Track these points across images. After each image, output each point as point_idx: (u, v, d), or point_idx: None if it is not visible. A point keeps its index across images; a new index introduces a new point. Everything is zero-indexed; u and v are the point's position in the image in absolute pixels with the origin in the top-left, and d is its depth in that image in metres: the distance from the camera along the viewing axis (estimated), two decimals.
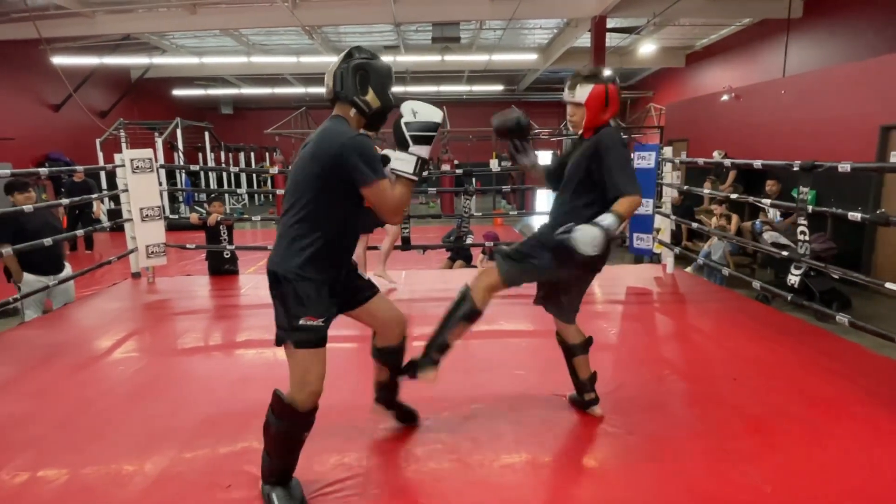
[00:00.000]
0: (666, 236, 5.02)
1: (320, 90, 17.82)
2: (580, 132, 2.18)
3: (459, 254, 6.54)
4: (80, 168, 4.54)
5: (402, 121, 1.69)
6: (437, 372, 2.07)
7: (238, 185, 17.32)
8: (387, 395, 2.18)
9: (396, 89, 1.87)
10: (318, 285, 1.70)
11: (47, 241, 3.69)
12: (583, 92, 2.04)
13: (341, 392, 2.47)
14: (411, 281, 4.83)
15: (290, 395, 1.72)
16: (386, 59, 1.77)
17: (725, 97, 8.99)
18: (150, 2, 10.15)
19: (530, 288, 2.39)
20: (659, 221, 5.01)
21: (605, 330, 3.49)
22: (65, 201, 4.41)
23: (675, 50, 15.04)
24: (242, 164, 17.96)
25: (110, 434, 2.23)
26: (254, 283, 4.85)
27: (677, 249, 4.94)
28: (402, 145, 1.70)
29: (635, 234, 4.93)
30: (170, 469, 1.97)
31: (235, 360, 3.10)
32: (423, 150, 1.70)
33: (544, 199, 17.13)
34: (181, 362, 3.11)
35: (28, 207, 3.63)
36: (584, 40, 11.90)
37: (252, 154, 19.31)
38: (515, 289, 4.39)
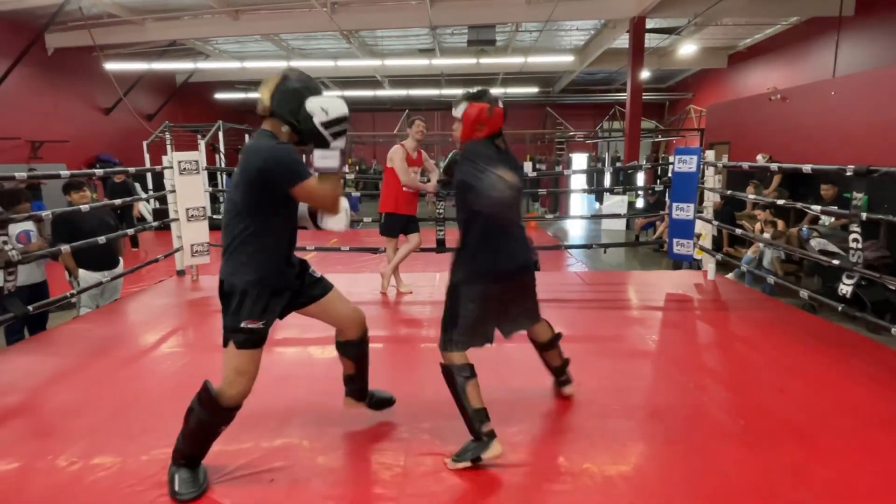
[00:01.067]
0: (707, 242, 4.90)
1: (357, 93, 18.13)
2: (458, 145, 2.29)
3: None
4: (129, 169, 4.74)
5: (317, 120, 1.75)
6: (499, 444, 1.98)
7: None
8: (356, 386, 2.32)
9: (432, 92, 1.99)
10: (262, 292, 1.84)
11: (101, 238, 3.87)
12: (460, 109, 2.18)
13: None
14: (445, 284, 4.84)
15: (219, 389, 1.86)
16: (421, 62, 1.90)
17: (772, 98, 8.70)
18: (196, 9, 10.52)
19: (568, 290, 2.37)
20: (700, 227, 4.89)
21: (643, 336, 3.43)
22: (117, 202, 4.61)
23: (716, 50, 14.65)
24: None
25: (159, 426, 2.32)
26: None
27: (719, 255, 4.81)
28: (323, 144, 1.78)
29: (675, 240, 4.82)
30: (215, 462, 2.04)
31: (275, 357, 3.18)
32: (342, 142, 1.80)
33: (578, 203, 16.96)
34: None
35: (84, 207, 3.81)
36: (622, 41, 11.72)
37: None
38: (552, 293, 4.35)
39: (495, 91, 17.54)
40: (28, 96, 11.25)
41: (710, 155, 4.84)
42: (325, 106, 1.75)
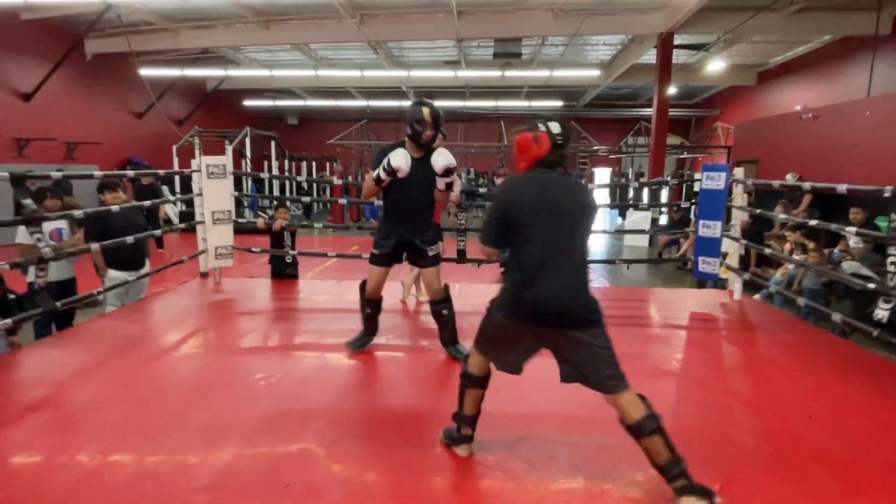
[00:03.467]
0: (734, 261, 4.79)
1: (382, 103, 18.34)
2: None
3: None
4: (159, 171, 4.84)
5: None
6: (466, 449, 2.15)
7: (301, 192, 17.92)
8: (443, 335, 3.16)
9: (455, 104, 2.02)
10: (379, 233, 3.13)
11: (130, 238, 3.95)
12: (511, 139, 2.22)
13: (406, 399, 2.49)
14: (464, 294, 4.82)
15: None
16: (446, 73, 1.90)
17: (803, 117, 8.53)
18: (229, 18, 10.78)
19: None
20: (726, 245, 4.79)
21: (666, 356, 3.36)
22: (146, 203, 4.70)
23: (746, 67, 14.46)
24: (304, 173, 18.60)
25: (179, 425, 2.34)
26: (312, 288, 4.99)
27: (746, 275, 4.70)
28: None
29: (701, 258, 4.73)
30: (232, 464, 2.04)
31: (295, 361, 3.19)
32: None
33: (601, 218, 16.79)
34: (244, 360, 3.23)
35: (115, 207, 3.89)
36: (650, 57, 11.65)
37: (314, 164, 19.99)
38: None
39: (518, 104, 17.47)
40: (66, 99, 11.63)
41: (738, 172, 4.75)
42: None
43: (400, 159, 2.87)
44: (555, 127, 2.02)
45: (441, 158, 2.91)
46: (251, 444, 2.19)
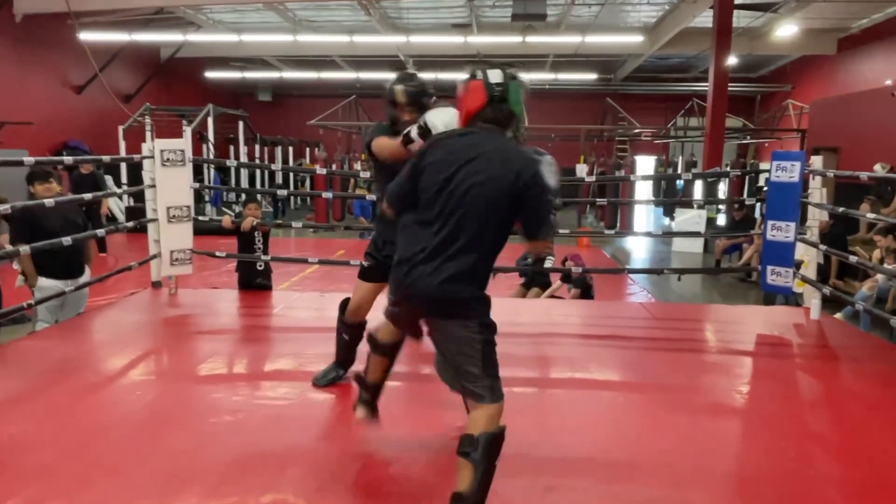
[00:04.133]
0: (811, 272, 4.77)
1: (374, 75, 18.40)
2: None
3: (535, 279, 6.49)
4: (103, 158, 4.87)
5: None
6: (367, 412, 2.43)
7: (275, 184, 17.99)
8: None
9: (465, 76, 2.13)
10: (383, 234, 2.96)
11: (66, 240, 3.97)
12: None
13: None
14: None
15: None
16: (454, 39, 1.91)
17: (895, 93, 8.51)
18: None
19: (630, 325, 2.30)
20: (801, 252, 4.77)
21: (726, 388, 3.35)
22: (87, 196, 4.74)
23: (822, 33, 14.45)
24: (279, 161, 18.70)
25: (126, 469, 2.33)
26: (289, 302, 4.99)
27: (826, 289, 4.68)
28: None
29: (769, 268, 4.71)
30: None
31: (267, 393, 3.19)
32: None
33: (643, 217, 16.80)
34: (206, 391, 3.23)
35: (49, 201, 3.92)
36: (705, 19, 11.67)
37: (291, 149, 20.10)
38: (610, 328, 4.35)
39: (542, 76, 17.56)
40: None
41: (816, 162, 4.73)
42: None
43: (445, 119, 2.49)
44: (494, 75, 2.02)
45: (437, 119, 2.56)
46: (215, 494, 2.18)
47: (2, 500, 2.13)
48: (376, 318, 4.33)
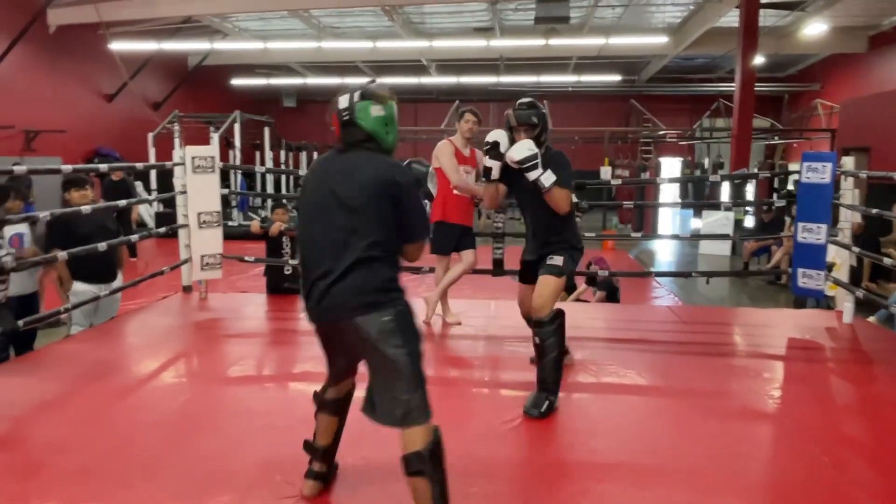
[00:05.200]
0: (843, 274, 4.68)
1: (397, 80, 18.49)
2: None
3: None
4: (136, 165, 4.97)
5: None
6: (317, 486, 2.26)
7: (299, 189, 18.13)
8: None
9: (487, 80, 2.08)
10: None
11: (101, 245, 4.06)
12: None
13: None
14: (501, 314, 4.81)
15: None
16: (476, 43, 1.93)
17: None
18: None
19: (658, 329, 2.28)
20: (833, 254, 4.69)
21: (758, 393, 3.30)
22: (121, 203, 4.84)
23: (853, 30, 14.17)
24: (304, 165, 18.88)
25: (161, 472, 2.38)
26: None
27: (859, 292, 4.58)
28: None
29: (800, 270, 4.63)
30: None
31: (296, 395, 3.22)
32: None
33: (669, 219, 16.60)
34: (236, 393, 3.28)
35: (86, 209, 4.01)
36: (731, 18, 11.53)
37: (316, 154, 20.25)
38: (637, 332, 4.33)
39: (565, 79, 17.47)
40: (26, 80, 12.08)
41: (847, 162, 4.65)
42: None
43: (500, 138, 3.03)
44: (341, 102, 2.07)
45: None
46: (248, 496, 2.22)
47: (42, 500, 2.20)
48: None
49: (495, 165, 3.02)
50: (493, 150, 3.00)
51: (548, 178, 2.91)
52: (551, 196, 2.96)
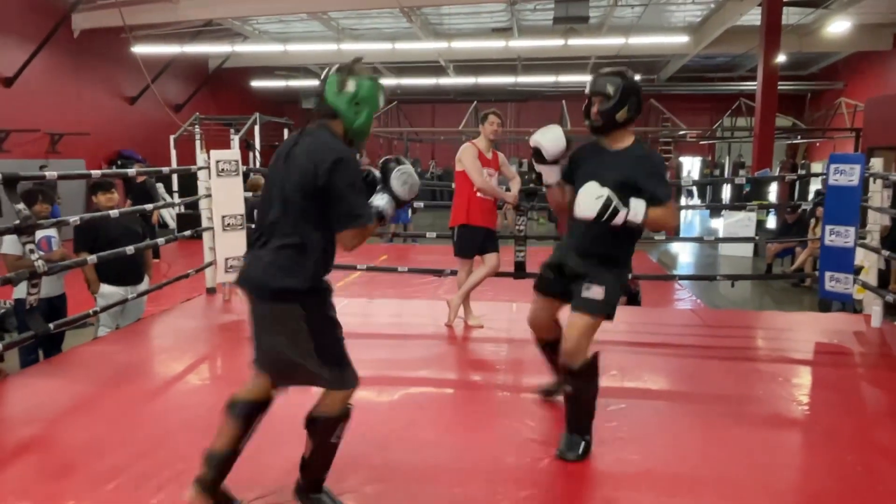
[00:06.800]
0: (871, 277, 4.62)
1: (416, 81, 18.55)
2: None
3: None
4: (162, 169, 5.04)
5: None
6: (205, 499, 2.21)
7: None
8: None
9: (505, 80, 2.08)
10: None
11: (129, 248, 4.12)
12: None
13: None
14: (523, 317, 4.77)
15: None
16: (495, 44, 1.94)
17: None
18: None
19: (681, 332, 2.26)
20: (861, 257, 4.62)
21: (785, 398, 3.27)
22: (149, 206, 4.91)
23: (878, 27, 13.94)
24: None
25: (191, 474, 2.37)
26: (337, 307, 5.06)
27: (889, 295, 4.51)
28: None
29: (828, 273, 4.57)
30: None
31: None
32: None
33: (689, 221, 16.44)
34: None
35: (114, 213, 4.08)
36: (752, 17, 11.40)
37: None
38: (661, 335, 4.28)
39: (583, 78, 17.54)
40: (50, 84, 12.29)
41: (876, 164, 4.59)
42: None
43: (548, 136, 2.51)
44: (322, 76, 2.07)
45: None
46: (277, 498, 2.24)
47: (77, 500, 2.23)
48: (433, 320, 4.33)
49: (547, 171, 2.56)
50: (537, 156, 2.54)
51: (637, 213, 2.34)
52: (651, 224, 2.44)
